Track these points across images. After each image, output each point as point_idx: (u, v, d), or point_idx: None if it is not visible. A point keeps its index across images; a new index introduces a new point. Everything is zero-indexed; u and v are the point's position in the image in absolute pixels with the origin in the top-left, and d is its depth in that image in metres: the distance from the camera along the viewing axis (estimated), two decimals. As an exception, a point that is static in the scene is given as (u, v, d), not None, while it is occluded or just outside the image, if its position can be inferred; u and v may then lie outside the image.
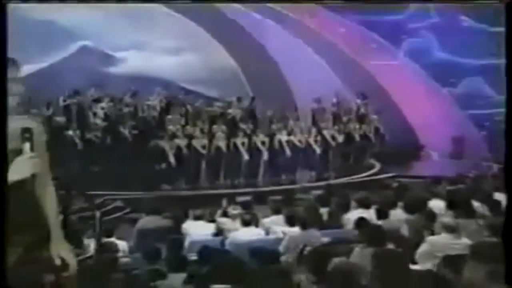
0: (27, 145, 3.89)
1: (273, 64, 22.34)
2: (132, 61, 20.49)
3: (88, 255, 8.79)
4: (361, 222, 10.03)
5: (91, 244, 9.30)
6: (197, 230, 11.16)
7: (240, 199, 14.06)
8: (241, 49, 22.10)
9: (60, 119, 18.01)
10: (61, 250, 4.24)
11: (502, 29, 21.39)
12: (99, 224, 9.38)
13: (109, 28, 20.78)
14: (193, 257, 8.62)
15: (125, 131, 18.17)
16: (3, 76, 3.87)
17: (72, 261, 4.29)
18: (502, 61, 20.06)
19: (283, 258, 8.68)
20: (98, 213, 9.71)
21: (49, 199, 4.27)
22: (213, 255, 8.20)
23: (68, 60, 19.91)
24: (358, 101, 21.70)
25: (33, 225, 4.13)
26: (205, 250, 8.78)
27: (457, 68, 22.90)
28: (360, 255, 7.61)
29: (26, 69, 4.29)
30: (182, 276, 7.36)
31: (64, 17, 19.43)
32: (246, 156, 18.91)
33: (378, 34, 22.27)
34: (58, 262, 4.19)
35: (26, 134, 3.90)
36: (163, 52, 21.61)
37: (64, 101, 18.40)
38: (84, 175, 16.52)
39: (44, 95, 17.78)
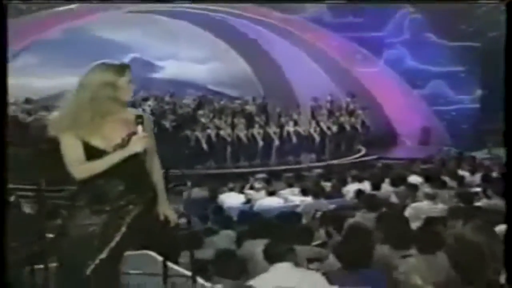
0: (140, 128, 3.93)
1: (279, 70, 22.38)
2: (170, 69, 20.72)
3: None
4: (359, 193, 10.43)
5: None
6: (231, 200, 11.40)
7: (258, 176, 14.16)
8: (254, 58, 22.12)
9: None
10: (165, 208, 4.30)
11: (459, 43, 21.72)
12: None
13: (153, 43, 20.83)
14: (234, 218, 8.99)
15: (167, 124, 18.40)
16: (3, 76, 3.55)
17: (173, 216, 4.34)
18: (459, 68, 20.43)
19: (303, 220, 8.76)
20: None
21: (156, 169, 4.28)
22: (249, 217, 8.58)
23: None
24: (348, 99, 21.88)
25: (146, 188, 4.16)
26: (242, 214, 9.20)
27: (424, 73, 22.95)
28: (363, 218, 7.63)
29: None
30: (230, 232, 7.64)
31: (118, 35, 19.64)
32: (261, 143, 19.23)
33: (362, 47, 22.10)
34: (162, 218, 4.26)
35: (139, 119, 3.94)
36: (194, 61, 21.77)
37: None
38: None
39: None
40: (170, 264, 5.61)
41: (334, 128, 20.88)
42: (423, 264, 5.07)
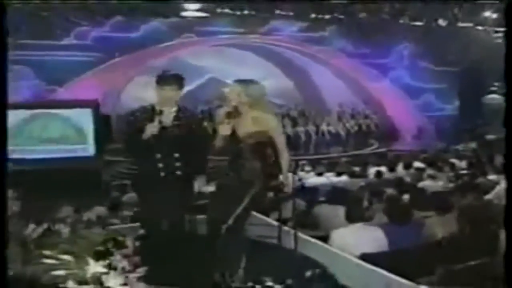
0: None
1: (314, 85, 22.46)
2: None
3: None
4: (379, 174, 10.69)
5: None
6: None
7: (301, 163, 14.04)
8: (296, 76, 22.19)
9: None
10: (285, 177, 4.25)
11: (443, 68, 21.92)
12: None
13: (225, 67, 20.75)
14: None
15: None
16: (3, 76, 3.04)
17: (289, 183, 4.37)
18: (443, 85, 20.63)
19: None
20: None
21: (284, 154, 4.18)
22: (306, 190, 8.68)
23: (201, 86, 19.77)
24: (363, 106, 22.09)
25: (276, 166, 4.13)
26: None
27: (418, 89, 23.03)
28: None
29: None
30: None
31: (201, 61, 19.90)
32: (303, 138, 19.54)
33: (373, 68, 22.22)
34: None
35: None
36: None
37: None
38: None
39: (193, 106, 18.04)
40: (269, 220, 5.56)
41: (355, 128, 21.15)
42: (439, 221, 5.10)
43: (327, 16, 21.35)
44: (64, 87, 17.78)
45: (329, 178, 11.20)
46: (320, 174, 11.37)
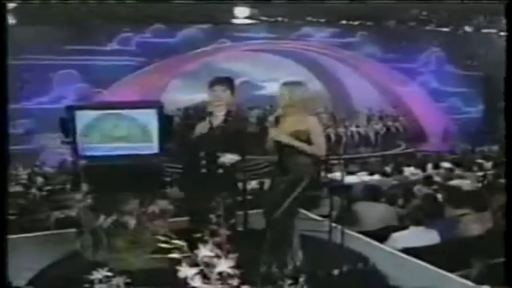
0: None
1: (344, 88, 22.30)
2: (269, 88, 20.64)
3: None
4: (410, 172, 10.62)
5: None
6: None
7: (333, 162, 14.00)
8: (326, 80, 22.01)
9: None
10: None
11: (468, 72, 21.79)
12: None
13: (256, 70, 21.06)
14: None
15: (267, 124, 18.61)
16: (3, 77, 2.98)
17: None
18: (468, 89, 20.47)
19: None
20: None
21: (320, 142, 4.18)
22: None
23: (236, 88, 19.82)
24: (392, 109, 22.01)
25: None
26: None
27: (444, 93, 22.87)
28: (421, 189, 7.83)
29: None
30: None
31: (234, 66, 19.64)
32: (333, 139, 19.53)
33: (401, 73, 22.11)
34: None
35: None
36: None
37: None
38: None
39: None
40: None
41: (383, 129, 21.08)
42: (475, 218, 5.15)
43: (356, 23, 21.36)
44: (108, 90, 18.16)
45: (362, 177, 11.07)
46: (352, 173, 11.32)
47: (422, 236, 4.75)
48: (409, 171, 11.06)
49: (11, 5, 14.11)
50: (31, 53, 17.18)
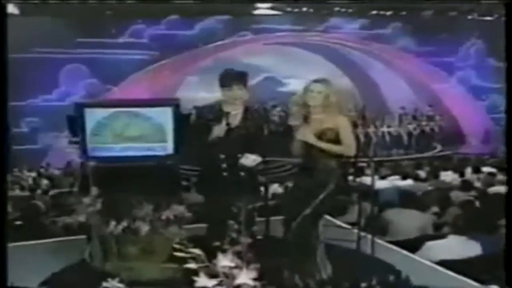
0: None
1: (374, 85, 22.09)
2: (293, 85, 20.53)
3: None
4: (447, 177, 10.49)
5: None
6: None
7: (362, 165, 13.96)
8: (355, 76, 21.68)
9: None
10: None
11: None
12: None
13: (280, 66, 21.01)
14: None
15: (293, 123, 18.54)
16: (3, 77, 3.06)
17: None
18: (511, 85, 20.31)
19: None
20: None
21: (350, 141, 4.18)
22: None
23: (257, 85, 19.31)
24: (427, 108, 21.61)
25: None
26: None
27: (485, 89, 22.61)
28: (460, 195, 7.64)
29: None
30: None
31: (255, 60, 19.70)
32: (362, 140, 19.27)
33: (439, 68, 21.99)
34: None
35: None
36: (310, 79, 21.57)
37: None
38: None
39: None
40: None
41: (417, 130, 20.81)
42: None
43: (389, 13, 21.23)
44: (118, 86, 18.30)
45: (393, 181, 10.99)
46: (383, 178, 11.25)
47: (462, 247, 4.68)
48: (445, 175, 10.92)
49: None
50: (36, 46, 17.38)
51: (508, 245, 3.12)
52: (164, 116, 4.04)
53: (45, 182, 12.90)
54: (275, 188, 8.36)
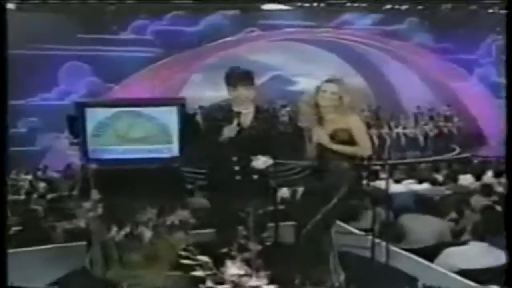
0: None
1: (389, 83, 22.12)
2: (303, 84, 20.51)
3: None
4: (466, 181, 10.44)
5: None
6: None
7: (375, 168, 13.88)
8: (369, 74, 21.82)
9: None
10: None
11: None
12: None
13: (289, 64, 21.05)
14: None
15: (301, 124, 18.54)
16: (3, 77, 3.08)
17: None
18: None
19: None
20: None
21: (365, 142, 4.25)
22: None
23: (265, 83, 19.51)
24: (445, 108, 21.63)
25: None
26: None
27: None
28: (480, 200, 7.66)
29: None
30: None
31: (262, 58, 19.73)
32: (376, 141, 19.29)
33: (458, 65, 21.91)
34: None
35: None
36: (321, 78, 21.49)
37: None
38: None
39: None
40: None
41: (434, 131, 20.80)
42: None
43: (404, 7, 21.19)
44: (121, 85, 18.32)
45: (409, 185, 10.90)
46: (398, 181, 11.20)
47: (484, 255, 4.63)
48: (464, 179, 10.86)
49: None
50: (34, 42, 17.40)
51: (508, 245, 3.11)
52: (169, 116, 4.03)
53: (42, 185, 12.90)
54: (284, 191, 8.34)
